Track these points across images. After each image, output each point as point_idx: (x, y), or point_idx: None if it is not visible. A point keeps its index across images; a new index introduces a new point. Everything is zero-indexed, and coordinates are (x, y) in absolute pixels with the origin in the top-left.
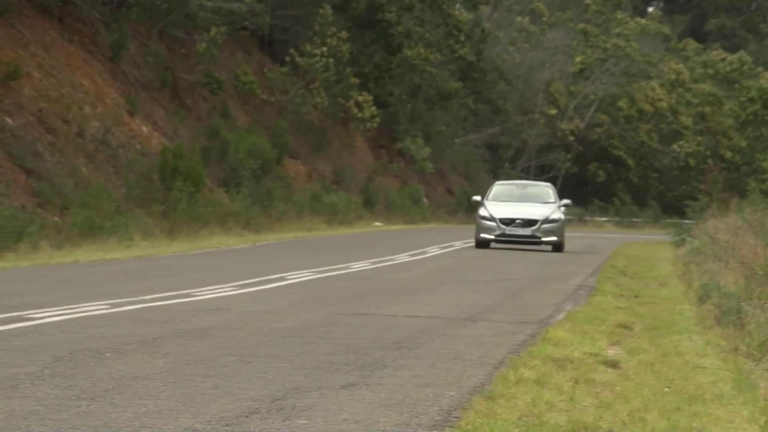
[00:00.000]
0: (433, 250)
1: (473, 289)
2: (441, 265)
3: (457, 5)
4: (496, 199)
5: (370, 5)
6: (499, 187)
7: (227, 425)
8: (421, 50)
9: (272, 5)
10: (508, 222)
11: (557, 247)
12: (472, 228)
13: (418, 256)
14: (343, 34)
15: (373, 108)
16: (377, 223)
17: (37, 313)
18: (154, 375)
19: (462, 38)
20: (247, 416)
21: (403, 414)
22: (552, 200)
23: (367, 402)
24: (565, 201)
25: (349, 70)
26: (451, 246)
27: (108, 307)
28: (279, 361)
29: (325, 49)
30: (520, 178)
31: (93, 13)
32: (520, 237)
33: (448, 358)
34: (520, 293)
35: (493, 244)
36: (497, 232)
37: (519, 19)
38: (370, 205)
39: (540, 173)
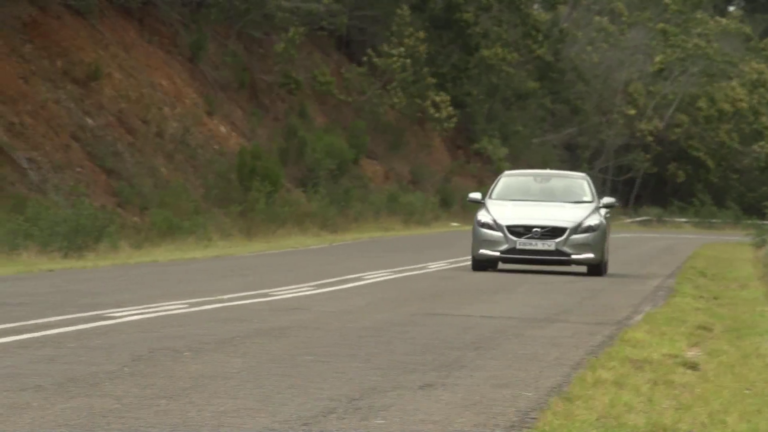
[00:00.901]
0: None
1: (550, 289)
2: (518, 266)
3: (536, 5)
4: (504, 197)
5: (448, 5)
6: (508, 179)
7: (304, 425)
8: (499, 50)
9: (350, 5)
10: (521, 231)
11: (595, 268)
12: None
13: None
14: (421, 34)
15: (450, 108)
16: (454, 224)
17: (116, 312)
18: (232, 374)
19: (540, 38)
20: (324, 416)
21: (480, 415)
22: (588, 198)
23: (444, 402)
24: (608, 200)
25: (426, 70)
26: None
27: (187, 306)
28: (356, 361)
29: (402, 49)
30: (596, 179)
31: (172, 14)
32: (538, 254)
33: (525, 358)
34: (597, 294)
35: (500, 264)
36: (504, 247)
37: (598, 18)
38: (446, 205)
39: (618, 173)
